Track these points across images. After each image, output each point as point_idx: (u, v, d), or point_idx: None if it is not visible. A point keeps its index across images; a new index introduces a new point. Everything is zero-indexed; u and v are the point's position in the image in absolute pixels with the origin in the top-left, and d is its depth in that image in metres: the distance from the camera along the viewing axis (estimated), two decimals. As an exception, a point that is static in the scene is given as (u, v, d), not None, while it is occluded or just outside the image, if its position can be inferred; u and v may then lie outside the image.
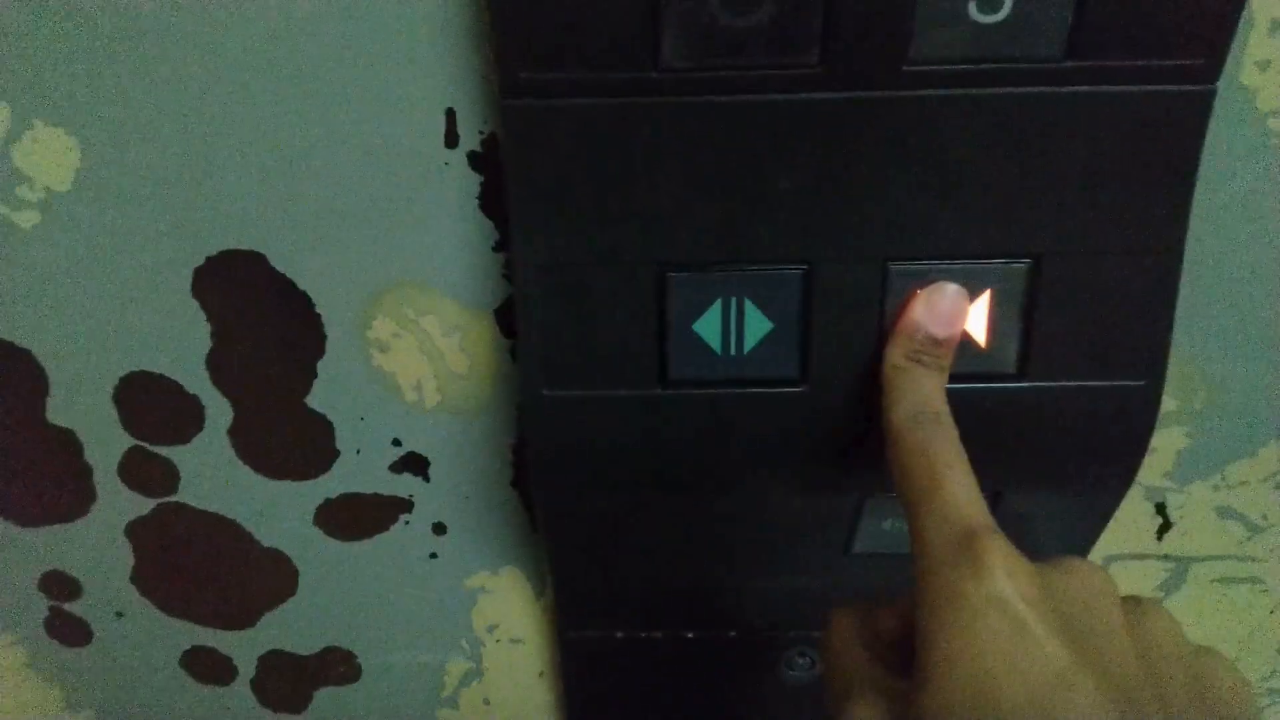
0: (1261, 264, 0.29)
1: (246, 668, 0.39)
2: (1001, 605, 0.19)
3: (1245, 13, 0.25)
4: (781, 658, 0.37)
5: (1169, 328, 0.27)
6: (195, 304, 0.30)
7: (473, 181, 0.27)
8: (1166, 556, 0.36)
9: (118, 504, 0.34)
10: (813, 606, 0.35)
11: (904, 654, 0.23)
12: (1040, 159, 0.25)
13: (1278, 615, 0.37)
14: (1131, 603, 0.22)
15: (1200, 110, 0.25)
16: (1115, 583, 0.22)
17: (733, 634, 0.36)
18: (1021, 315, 0.27)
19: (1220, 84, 0.24)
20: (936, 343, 0.26)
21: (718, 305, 0.27)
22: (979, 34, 0.23)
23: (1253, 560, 0.36)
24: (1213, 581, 0.36)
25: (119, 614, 0.38)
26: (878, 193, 0.25)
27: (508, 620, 0.38)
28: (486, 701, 0.40)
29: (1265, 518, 0.35)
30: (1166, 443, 0.33)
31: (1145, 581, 0.37)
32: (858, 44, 0.23)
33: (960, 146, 0.25)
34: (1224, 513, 0.34)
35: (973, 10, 0.23)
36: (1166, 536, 0.35)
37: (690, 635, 0.36)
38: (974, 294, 0.26)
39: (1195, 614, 0.37)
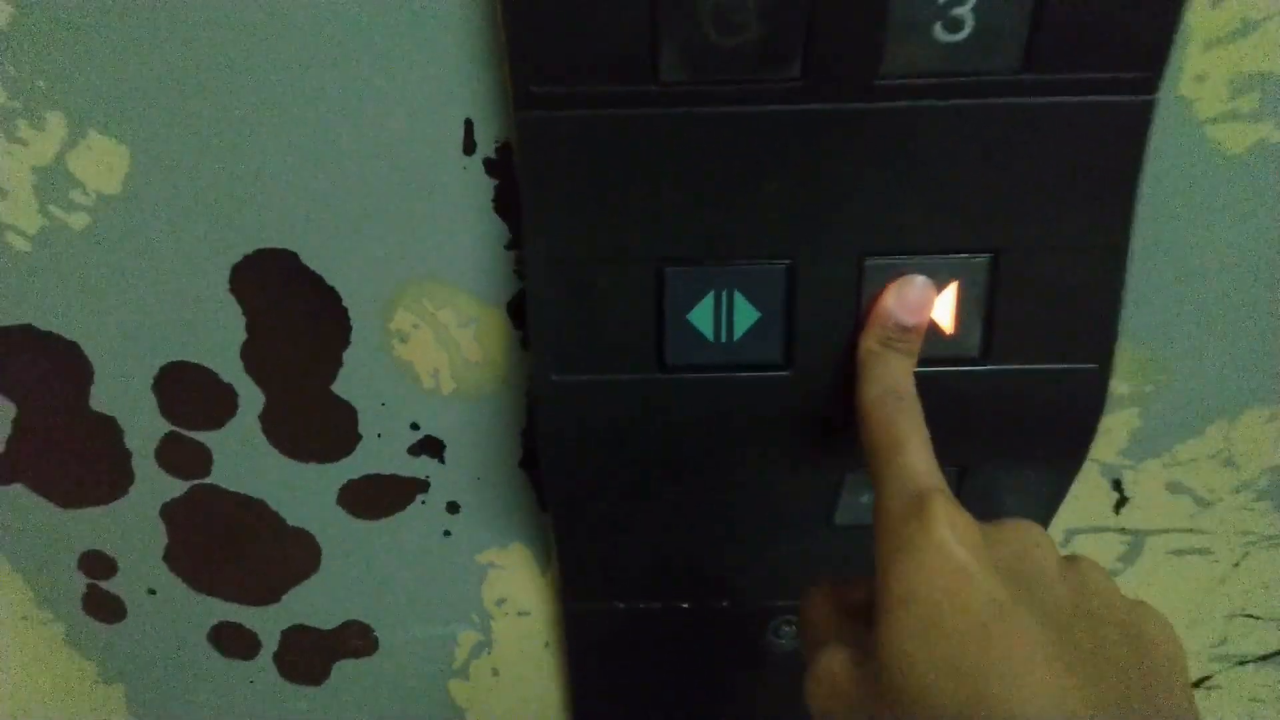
0: (1205, 259, 0.32)
1: (270, 642, 0.42)
2: (945, 551, 0.22)
3: (1182, 31, 0.28)
4: (769, 626, 0.39)
5: (1117, 315, 0.30)
6: (232, 298, 0.32)
7: (488, 185, 0.30)
8: (1124, 530, 0.39)
9: (154, 486, 0.37)
10: (799, 577, 0.38)
11: (868, 617, 0.25)
12: (999, 163, 0.28)
13: (1227, 585, 0.40)
14: (1068, 558, 0.24)
15: (1142, 118, 0.27)
16: (1052, 539, 0.24)
17: (725, 604, 0.39)
18: (983, 305, 0.29)
19: (1162, 95, 0.27)
20: (906, 329, 0.29)
21: (710, 297, 0.29)
22: (943, 51, 0.26)
23: (1202, 533, 0.39)
24: (1167, 553, 0.39)
25: (151, 591, 0.40)
26: (854, 194, 0.28)
27: (515, 594, 0.40)
28: (495, 672, 0.43)
29: (1212, 492, 0.38)
30: (1120, 423, 0.35)
31: (1105, 553, 0.39)
32: (835, 60, 0.26)
33: (928, 152, 0.27)
34: (1175, 488, 0.37)
35: (938, 30, 0.26)
36: (1123, 511, 0.38)
37: (685, 606, 0.39)
38: (940, 285, 0.29)
39: (1152, 584, 0.40)
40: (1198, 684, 0.44)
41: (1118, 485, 0.37)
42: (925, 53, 0.26)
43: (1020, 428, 0.31)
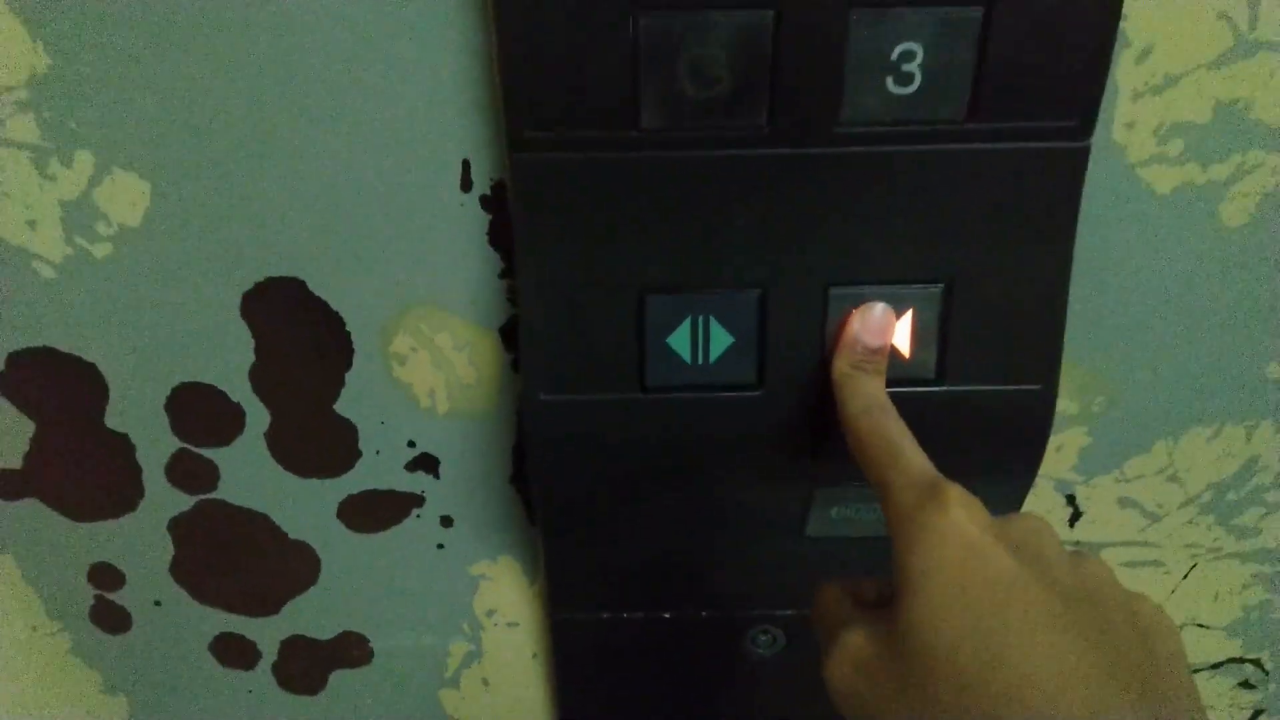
0: (1143, 290, 0.35)
1: (269, 652, 0.44)
2: (960, 530, 0.24)
3: (1111, 84, 0.31)
4: (747, 635, 0.41)
5: (1060, 340, 0.33)
6: (243, 323, 0.35)
7: (483, 220, 0.33)
8: (1079, 543, 0.41)
9: (163, 500, 0.39)
10: (775, 587, 0.40)
11: (880, 606, 0.27)
12: (949, 202, 0.30)
13: (1178, 595, 0.43)
14: (1073, 551, 0.26)
15: (1077, 162, 0.30)
16: (1056, 531, 0.26)
17: (704, 614, 0.41)
18: (937, 330, 0.32)
19: (1097, 139, 0.30)
20: (872, 351, 0.32)
21: (687, 322, 0.32)
22: (895, 102, 0.29)
23: (1153, 546, 0.41)
24: (1120, 565, 0.42)
25: (157, 603, 0.42)
26: (818, 229, 0.31)
27: (505, 605, 0.42)
28: (485, 682, 0.45)
29: (1160, 507, 0.40)
30: (1071, 441, 0.38)
31: (1063, 565, 0.42)
32: (797, 110, 0.29)
33: (884, 192, 0.30)
34: (1125, 503, 0.40)
35: (890, 84, 0.29)
36: (1078, 524, 0.41)
37: (667, 615, 0.41)
38: (898, 313, 0.32)
39: (1108, 594, 0.43)
40: (1154, 692, 0.47)
41: (1071, 500, 0.40)
42: (879, 103, 0.29)
43: (975, 443, 0.34)
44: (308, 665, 0.44)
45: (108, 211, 0.33)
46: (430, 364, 0.36)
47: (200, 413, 0.37)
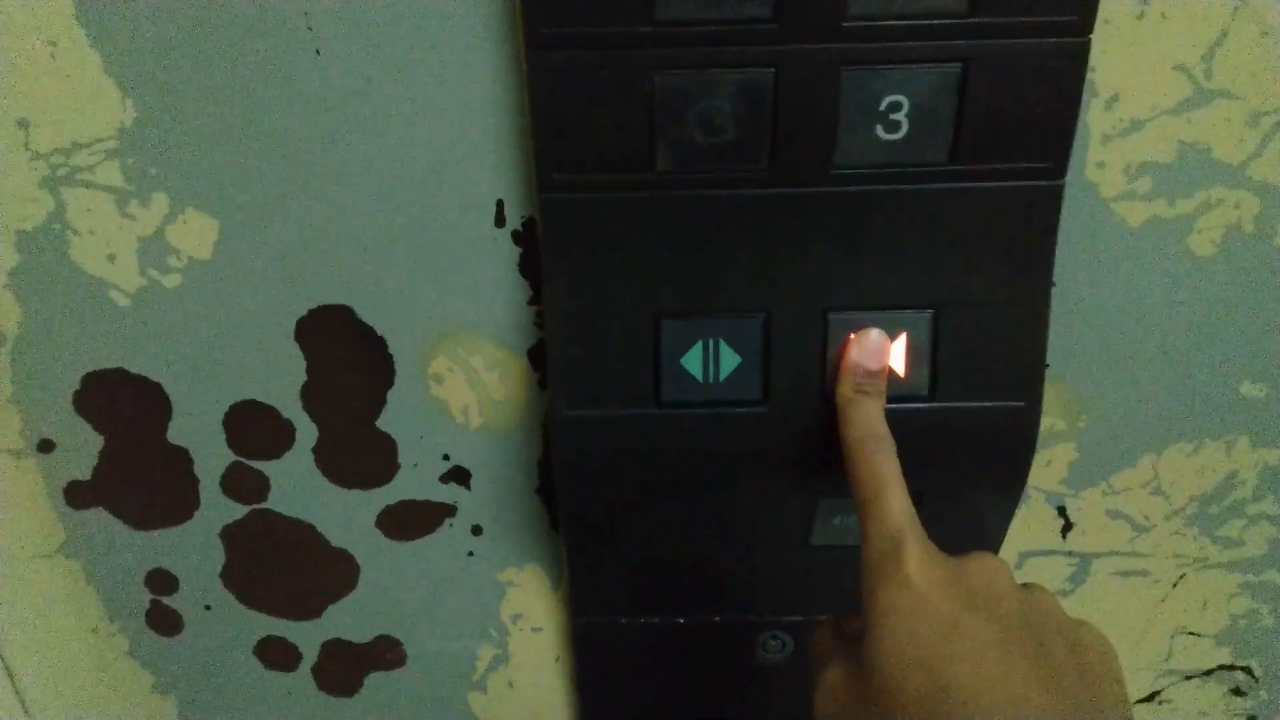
0: (1123, 315, 0.37)
1: (309, 655, 0.47)
2: (913, 583, 0.28)
3: (1083, 128, 0.34)
4: (757, 640, 0.44)
5: (1042, 360, 0.35)
6: (296, 346, 0.38)
7: (514, 252, 0.36)
8: (1070, 553, 0.44)
9: (217, 510, 0.42)
10: (783, 594, 0.43)
11: (855, 645, 0.30)
12: (935, 235, 0.34)
13: (1168, 604, 0.45)
14: (1024, 585, 0.30)
15: (1052, 199, 0.33)
16: (1009, 567, 0.30)
17: (717, 619, 0.43)
18: (929, 352, 0.35)
19: (1072, 179, 0.33)
20: (872, 375, 0.35)
21: (699, 344, 0.35)
22: (885, 147, 0.32)
23: (1141, 556, 0.44)
24: (1111, 575, 0.44)
25: (207, 607, 0.45)
26: (817, 260, 0.34)
27: (530, 610, 0.45)
28: (510, 684, 0.48)
29: (1147, 519, 0.43)
30: (1060, 455, 0.41)
31: (1055, 575, 0.44)
32: (796, 155, 0.32)
33: (876, 227, 0.33)
34: (1114, 514, 0.42)
35: (879, 131, 0.32)
36: (1069, 535, 0.43)
37: (682, 620, 0.44)
38: (892, 336, 0.35)
39: (1100, 603, 0.45)
40: (1149, 699, 0.49)
41: (1062, 512, 0.43)
42: (870, 148, 0.32)
43: (967, 454, 0.37)
44: (345, 667, 0.47)
45: (179, 246, 0.36)
46: (465, 383, 0.39)
47: (254, 428, 0.40)
